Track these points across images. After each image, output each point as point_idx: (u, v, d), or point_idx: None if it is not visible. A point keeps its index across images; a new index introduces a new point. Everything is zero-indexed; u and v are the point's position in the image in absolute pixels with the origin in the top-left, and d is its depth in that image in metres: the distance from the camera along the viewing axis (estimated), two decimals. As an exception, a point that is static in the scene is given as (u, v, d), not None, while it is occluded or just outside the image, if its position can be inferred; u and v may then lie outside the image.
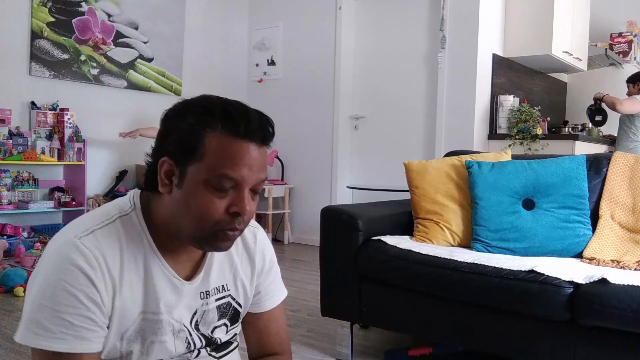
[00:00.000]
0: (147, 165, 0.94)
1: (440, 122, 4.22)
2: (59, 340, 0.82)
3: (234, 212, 0.87)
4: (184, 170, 0.87)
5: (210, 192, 0.86)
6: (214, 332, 1.02)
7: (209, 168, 0.85)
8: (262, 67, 5.36)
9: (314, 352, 2.26)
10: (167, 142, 0.88)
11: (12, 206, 3.74)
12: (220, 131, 0.85)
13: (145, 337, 0.92)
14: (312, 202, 4.90)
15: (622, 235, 2.04)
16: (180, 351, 0.97)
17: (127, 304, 0.89)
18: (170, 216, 0.90)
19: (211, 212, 0.86)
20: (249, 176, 0.86)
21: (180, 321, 0.96)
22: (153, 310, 0.93)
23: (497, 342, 1.78)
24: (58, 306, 0.82)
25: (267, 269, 1.11)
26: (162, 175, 0.89)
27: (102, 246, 0.87)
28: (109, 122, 4.44)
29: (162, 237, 0.93)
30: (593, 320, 1.57)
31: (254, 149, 0.87)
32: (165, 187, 0.89)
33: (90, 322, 0.84)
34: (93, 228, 0.88)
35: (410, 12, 4.51)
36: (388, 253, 1.99)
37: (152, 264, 0.93)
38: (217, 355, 1.04)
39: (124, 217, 0.93)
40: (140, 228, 0.92)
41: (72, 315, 0.82)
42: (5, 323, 2.52)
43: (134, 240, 0.91)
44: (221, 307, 1.03)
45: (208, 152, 0.85)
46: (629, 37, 4.94)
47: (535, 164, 2.12)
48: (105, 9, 4.38)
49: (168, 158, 0.88)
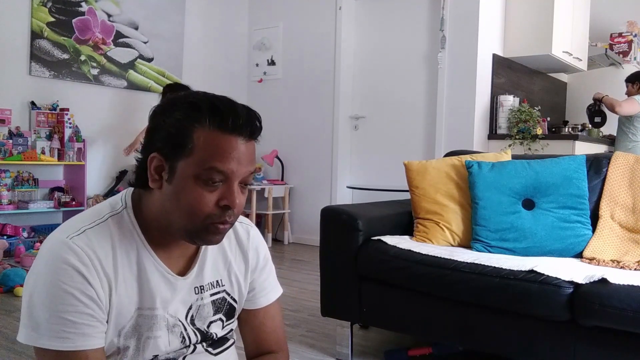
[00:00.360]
0: (137, 162, 0.95)
1: (440, 122, 4.22)
2: (62, 339, 0.83)
3: (224, 205, 0.89)
4: (173, 165, 0.88)
5: (200, 186, 0.87)
6: (209, 327, 1.03)
7: (199, 163, 0.86)
8: (262, 67, 5.36)
9: (314, 352, 2.26)
10: (156, 138, 0.89)
11: (12, 206, 3.74)
12: (209, 126, 0.86)
13: (141, 332, 0.93)
14: (312, 202, 4.89)
15: (622, 235, 2.04)
16: (175, 346, 0.98)
17: (123, 300, 0.91)
18: (161, 211, 0.91)
19: (201, 206, 0.87)
20: (238, 169, 0.88)
21: (175, 316, 0.97)
22: (149, 305, 0.94)
23: (497, 342, 1.78)
24: (57, 305, 0.83)
25: (262, 266, 1.12)
26: (152, 170, 0.90)
27: (94, 245, 0.88)
28: (109, 122, 4.44)
29: (154, 233, 0.94)
30: (593, 320, 1.57)
31: (242, 142, 0.88)
32: (156, 182, 0.90)
33: (91, 319, 0.85)
34: (84, 227, 0.90)
35: (410, 12, 4.51)
36: (388, 253, 1.99)
37: (145, 260, 0.94)
38: (214, 352, 1.05)
39: (115, 215, 0.94)
40: (131, 226, 0.94)
41: (72, 314, 0.83)
42: (5, 323, 2.52)
43: (125, 237, 0.92)
44: (216, 302, 1.04)
45: (197, 147, 0.86)
46: (629, 37, 4.94)
47: (535, 164, 2.12)
48: (105, 9, 4.38)
49: (157, 154, 0.89)
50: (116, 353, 0.92)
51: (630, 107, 4.04)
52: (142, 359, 0.94)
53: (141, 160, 0.93)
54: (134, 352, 0.93)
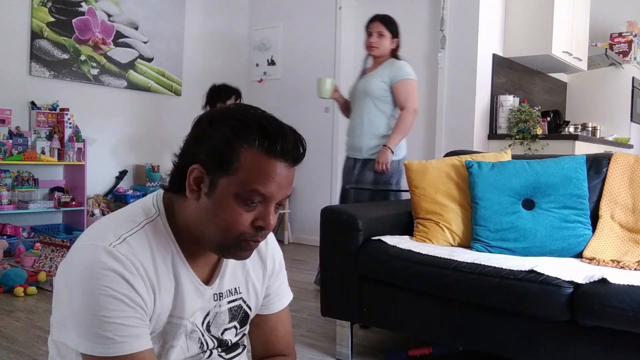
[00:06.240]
0: (173, 166, 0.94)
1: (440, 122, 4.22)
2: (119, 344, 0.83)
3: (258, 226, 0.89)
4: (215, 180, 0.87)
5: (239, 205, 0.87)
6: (224, 334, 1.03)
7: (241, 183, 0.86)
8: (262, 67, 5.36)
9: (314, 352, 2.26)
10: (200, 150, 0.88)
11: (12, 206, 3.74)
12: (257, 148, 0.85)
13: (166, 340, 0.94)
14: (312, 202, 4.89)
15: (622, 235, 2.04)
16: (193, 352, 0.98)
17: (164, 307, 0.91)
18: (195, 222, 0.91)
19: (238, 224, 0.88)
20: (277, 193, 0.88)
21: (194, 322, 0.97)
22: (179, 315, 0.94)
23: (497, 342, 1.78)
24: (107, 312, 0.82)
25: (277, 272, 1.13)
26: (190, 181, 0.89)
27: (137, 252, 0.87)
28: (109, 122, 4.44)
29: (185, 241, 0.94)
30: (593, 320, 1.57)
31: (286, 168, 0.88)
32: (194, 193, 0.89)
33: (140, 321, 0.86)
34: (124, 235, 0.88)
35: (410, 12, 4.51)
36: (388, 253, 1.99)
37: (180, 269, 0.94)
38: (227, 357, 1.05)
39: (150, 222, 0.93)
40: (166, 234, 0.93)
41: (123, 318, 0.83)
42: (5, 323, 2.52)
43: (162, 245, 0.92)
44: (232, 310, 1.04)
45: (242, 167, 0.85)
46: (629, 37, 4.94)
47: (535, 164, 2.12)
48: (105, 9, 4.38)
49: (199, 166, 0.88)
50: None
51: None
52: None
53: (178, 165, 0.92)
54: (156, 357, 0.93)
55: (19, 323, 2.53)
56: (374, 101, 3.06)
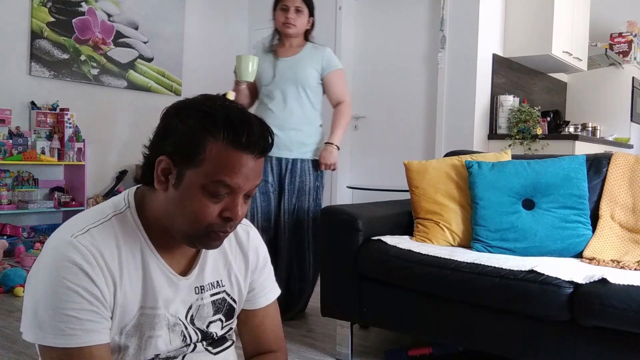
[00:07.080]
0: (143, 157, 0.95)
1: (440, 122, 4.22)
2: (68, 336, 0.84)
3: (226, 216, 0.90)
4: (181, 172, 0.88)
5: (206, 196, 0.88)
6: (209, 327, 1.04)
7: (207, 174, 0.87)
8: (262, 67, 5.35)
9: (314, 352, 2.26)
10: (167, 142, 0.89)
11: (12, 206, 3.74)
12: (222, 140, 0.86)
13: (143, 332, 0.94)
14: (312, 202, 4.88)
15: (622, 235, 2.04)
16: (176, 345, 0.99)
17: (128, 298, 0.91)
18: (164, 213, 0.92)
19: (205, 215, 0.89)
20: (244, 184, 0.89)
21: (176, 315, 0.98)
22: (151, 305, 0.94)
23: (497, 342, 1.78)
24: (61, 303, 0.84)
25: (261, 266, 1.13)
26: (158, 172, 0.90)
27: (99, 243, 0.89)
28: (109, 122, 4.44)
29: (156, 233, 0.95)
30: (593, 320, 1.57)
31: (252, 159, 0.88)
32: (161, 184, 0.91)
33: (95, 315, 0.86)
34: (88, 226, 0.90)
35: (410, 12, 4.51)
36: (388, 253, 1.99)
37: (149, 259, 0.94)
38: (214, 351, 1.05)
39: (118, 215, 0.94)
40: (135, 225, 0.94)
41: (77, 310, 0.84)
42: (6, 323, 2.52)
43: (130, 237, 0.93)
44: (216, 303, 1.05)
45: (208, 159, 0.86)
46: (629, 37, 4.94)
47: (535, 164, 2.12)
48: (105, 9, 4.38)
49: (166, 157, 0.89)
50: (117, 351, 0.93)
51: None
52: (143, 357, 0.95)
53: (148, 156, 0.93)
54: (135, 350, 0.94)
55: (19, 323, 2.53)
56: (306, 90, 2.68)
